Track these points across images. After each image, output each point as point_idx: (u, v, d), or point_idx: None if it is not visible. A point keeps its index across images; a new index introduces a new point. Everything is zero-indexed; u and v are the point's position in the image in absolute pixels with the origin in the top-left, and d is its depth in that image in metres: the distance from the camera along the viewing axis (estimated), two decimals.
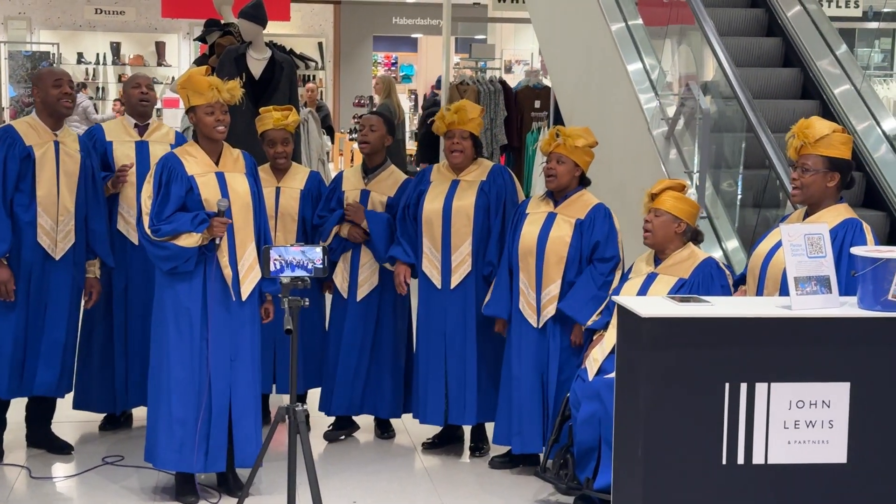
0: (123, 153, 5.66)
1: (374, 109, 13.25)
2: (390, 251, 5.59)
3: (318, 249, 4.41)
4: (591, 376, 4.77)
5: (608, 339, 4.81)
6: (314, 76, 19.81)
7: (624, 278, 5.03)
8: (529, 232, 5.24)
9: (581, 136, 5.22)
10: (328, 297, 5.93)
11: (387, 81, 13.00)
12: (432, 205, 5.51)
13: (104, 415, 5.94)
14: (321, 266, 4.40)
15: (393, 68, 22.40)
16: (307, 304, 4.36)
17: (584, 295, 5.11)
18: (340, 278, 5.75)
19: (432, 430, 5.84)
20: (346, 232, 5.66)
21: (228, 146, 5.00)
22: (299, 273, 4.39)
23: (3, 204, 5.19)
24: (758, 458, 3.81)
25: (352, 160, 16.60)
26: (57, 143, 5.34)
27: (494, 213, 5.50)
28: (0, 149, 5.22)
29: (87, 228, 5.45)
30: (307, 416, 4.34)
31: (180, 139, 5.86)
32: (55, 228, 5.31)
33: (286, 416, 4.33)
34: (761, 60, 7.31)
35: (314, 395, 5.94)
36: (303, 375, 5.83)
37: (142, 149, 5.70)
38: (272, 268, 4.40)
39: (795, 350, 3.82)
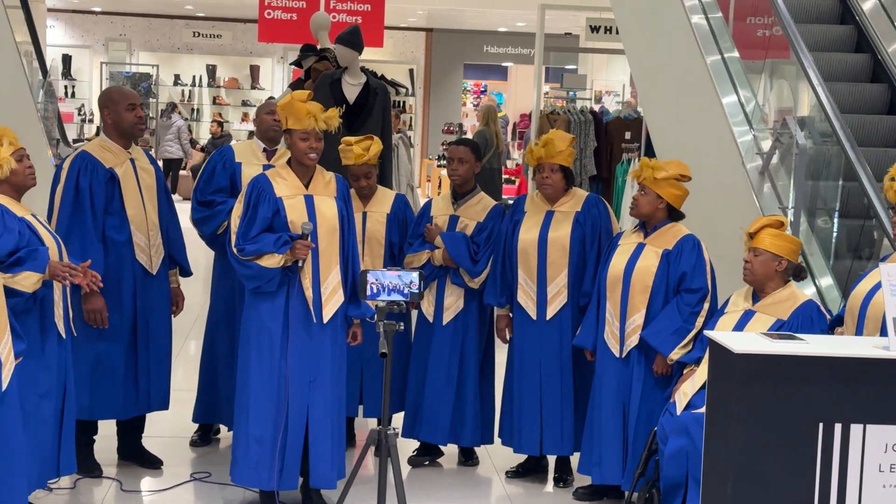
0: (251, 175, 5.73)
1: (464, 137, 13.31)
2: (487, 298, 5.64)
3: (415, 274, 4.44)
4: (679, 410, 4.72)
5: (699, 374, 4.76)
6: (404, 102, 19.96)
7: (719, 313, 4.97)
8: (618, 262, 5.22)
9: (663, 169, 5.19)
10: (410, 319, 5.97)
11: (486, 110, 13.08)
12: (528, 235, 5.52)
13: (195, 430, 6.03)
14: (417, 291, 4.43)
15: (482, 96, 22.49)
16: (402, 328, 4.38)
17: (669, 326, 5.07)
18: (426, 302, 5.77)
19: (516, 458, 5.82)
20: (440, 257, 5.68)
21: (322, 169, 5.05)
22: (395, 297, 4.41)
23: (94, 231, 5.25)
24: (851, 502, 3.73)
25: (439, 186, 16.67)
26: (132, 161, 5.42)
27: (590, 244, 5.49)
28: (84, 176, 5.24)
29: (167, 239, 5.54)
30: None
31: None
32: (148, 244, 5.41)
33: (377, 440, 4.35)
34: (848, 75, 7.21)
35: (397, 418, 5.96)
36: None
37: None
38: (369, 291, 4.43)
39: (893, 392, 3.74)
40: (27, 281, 4.35)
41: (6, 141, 4.50)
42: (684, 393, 4.78)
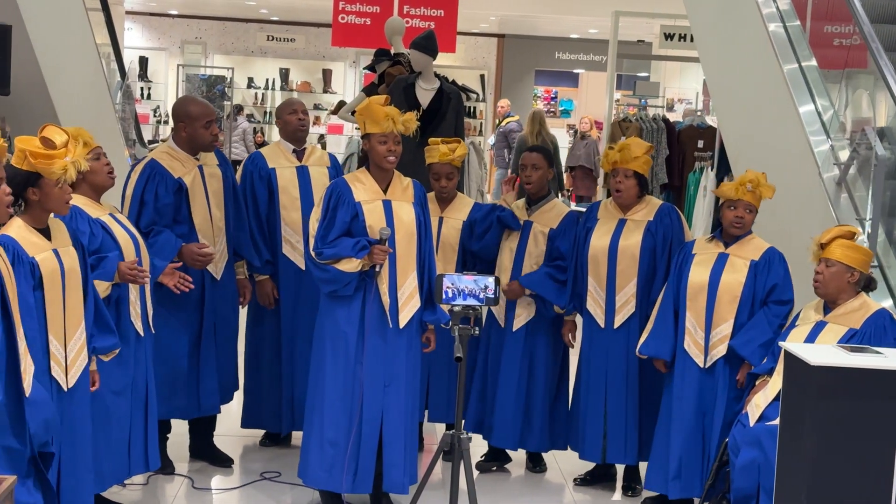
0: (288, 179, 5.78)
1: (537, 144, 13.30)
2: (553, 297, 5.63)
3: (491, 279, 4.44)
4: (752, 422, 4.67)
5: (773, 386, 4.71)
6: (475, 108, 19.98)
7: (791, 325, 4.92)
8: (699, 272, 5.18)
9: (771, 189, 5.19)
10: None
11: (534, 116, 13.15)
12: (599, 243, 5.50)
13: (265, 430, 6.09)
14: (493, 296, 4.43)
15: (552, 102, 22.45)
16: (477, 332, 4.39)
17: (759, 337, 5.02)
18: (498, 307, 5.77)
19: (584, 465, 5.80)
20: (516, 291, 5.68)
21: (399, 174, 5.08)
22: (471, 301, 4.42)
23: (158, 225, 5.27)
24: None
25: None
26: (201, 168, 5.44)
27: (661, 254, 5.46)
28: (150, 187, 5.27)
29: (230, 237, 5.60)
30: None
31: (334, 161, 6.00)
32: (214, 250, 5.45)
33: (451, 444, 4.36)
34: None
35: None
36: (455, 405, 5.86)
37: (303, 173, 5.83)
38: (444, 295, 4.44)
39: None
40: (97, 288, 4.42)
41: (81, 141, 4.53)
42: (757, 404, 4.73)
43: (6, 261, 3.79)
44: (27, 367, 3.85)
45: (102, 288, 4.48)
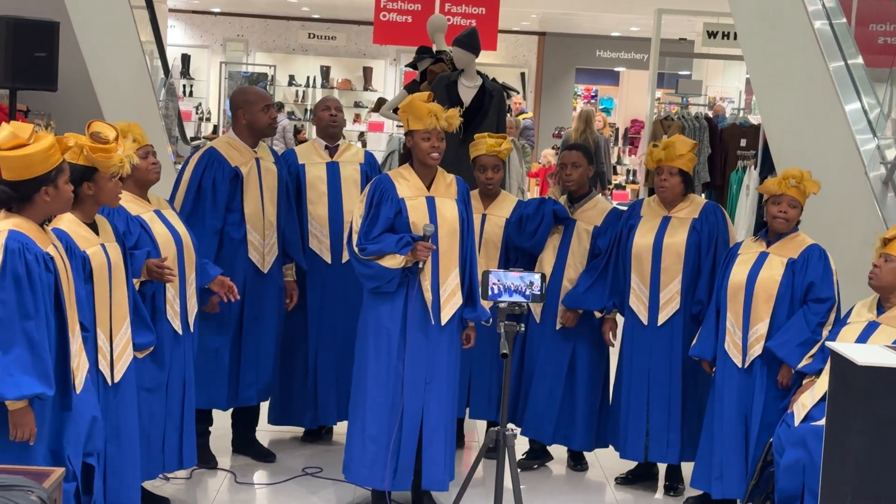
0: (315, 175, 5.81)
1: (576, 143, 13.27)
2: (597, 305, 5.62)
3: (537, 276, 4.43)
4: (797, 422, 4.63)
5: (819, 386, 4.67)
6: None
7: (841, 323, 4.86)
8: (740, 271, 5.15)
9: (816, 185, 5.14)
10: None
11: (583, 115, 13.10)
12: (642, 240, 5.48)
13: (291, 426, 6.09)
14: (539, 292, 4.42)
15: (592, 101, 22.37)
16: (523, 329, 4.38)
17: (797, 337, 4.98)
18: (536, 304, 5.75)
19: (625, 464, 5.78)
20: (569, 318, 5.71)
21: (443, 171, 5.08)
22: (517, 298, 4.41)
23: (211, 226, 5.36)
24: None
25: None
26: (258, 160, 5.53)
27: (706, 252, 5.42)
28: (208, 173, 5.37)
29: (281, 236, 5.62)
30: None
31: (370, 158, 6.01)
32: (263, 243, 5.50)
33: (495, 441, 4.36)
34: None
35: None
36: (497, 402, 5.86)
37: (332, 169, 5.85)
38: (490, 292, 4.43)
39: None
40: None
41: (131, 137, 4.58)
42: (803, 404, 4.69)
43: (65, 257, 3.84)
44: (81, 364, 3.90)
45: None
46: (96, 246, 4.08)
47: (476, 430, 6.46)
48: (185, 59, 19.84)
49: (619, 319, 5.72)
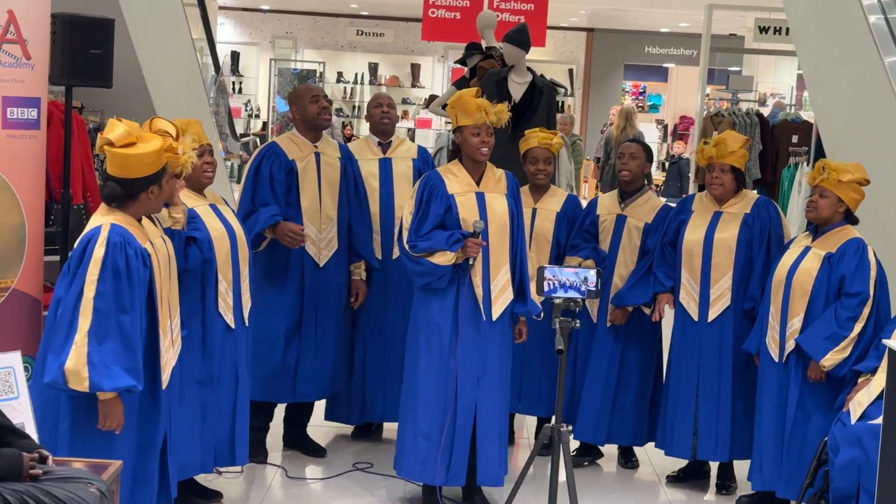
0: (368, 171, 5.83)
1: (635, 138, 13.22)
2: (641, 300, 5.57)
3: (592, 271, 4.41)
4: (853, 420, 4.58)
5: (875, 384, 4.60)
6: (563, 103, 19.90)
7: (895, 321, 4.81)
8: (783, 265, 5.12)
9: (848, 172, 5.05)
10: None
11: (626, 111, 13.05)
12: (693, 235, 5.44)
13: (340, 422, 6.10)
14: (594, 288, 4.40)
15: (640, 97, 22.25)
16: (578, 325, 4.37)
17: (823, 331, 4.92)
18: (590, 301, 5.73)
19: (676, 462, 5.74)
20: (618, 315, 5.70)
21: (492, 166, 5.07)
22: (572, 294, 4.39)
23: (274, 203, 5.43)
24: None
25: (596, 186, 16.57)
26: (318, 155, 5.57)
27: (757, 247, 5.38)
28: (265, 163, 5.47)
29: (350, 233, 5.63)
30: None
31: (423, 154, 6.01)
32: (319, 237, 5.52)
33: (550, 437, 4.35)
34: None
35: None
36: (548, 398, 5.86)
37: (385, 165, 5.86)
38: (546, 287, 4.42)
39: None
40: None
41: (190, 135, 4.54)
42: (859, 402, 4.63)
43: (161, 254, 3.92)
44: (169, 360, 3.99)
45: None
46: (155, 240, 4.10)
47: (525, 426, 6.45)
48: (235, 56, 19.96)
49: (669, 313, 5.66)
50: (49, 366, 3.74)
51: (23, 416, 3.89)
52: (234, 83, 19.71)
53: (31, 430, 3.86)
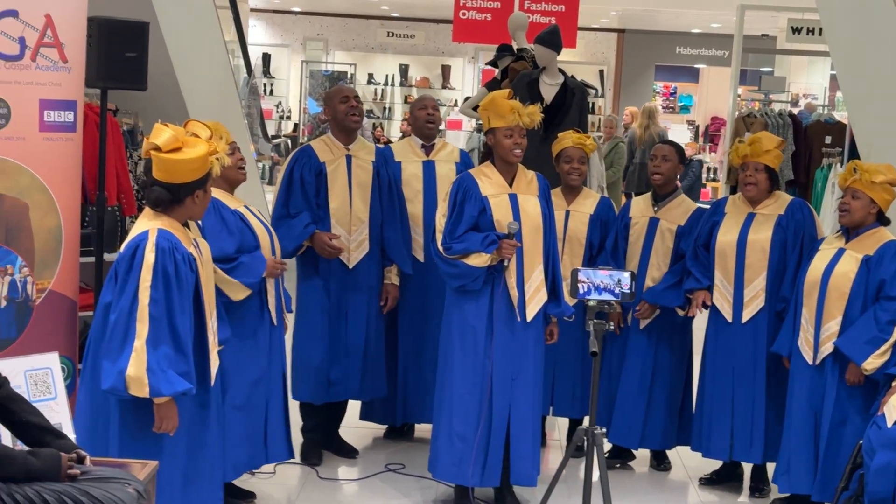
0: (412, 173, 5.84)
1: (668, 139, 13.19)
2: (686, 285, 5.52)
3: (626, 274, 4.40)
4: (889, 424, 4.54)
5: None
6: (594, 104, 19.86)
7: None
8: (816, 266, 5.08)
9: (880, 173, 5.01)
10: None
11: (647, 111, 13.02)
12: (726, 237, 5.42)
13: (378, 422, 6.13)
14: (629, 291, 4.40)
15: (671, 98, 22.17)
16: (612, 327, 4.37)
17: (864, 334, 4.88)
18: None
19: (709, 464, 5.73)
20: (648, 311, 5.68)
21: (523, 168, 5.07)
22: (606, 297, 4.39)
23: (306, 208, 5.46)
24: None
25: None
26: (349, 157, 5.58)
27: (791, 249, 5.35)
28: (297, 167, 5.51)
29: (382, 236, 5.65)
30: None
31: (465, 157, 6.01)
32: (349, 239, 5.54)
33: (584, 439, 4.35)
34: None
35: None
36: (580, 400, 5.86)
37: (428, 168, 5.87)
38: (580, 290, 4.42)
39: None
40: (235, 291, 4.54)
41: (224, 137, 4.60)
42: (894, 406, 4.60)
43: (204, 258, 3.96)
44: (214, 360, 4.03)
45: (240, 295, 4.59)
46: (191, 244, 4.13)
47: (557, 428, 6.44)
48: (266, 58, 20.04)
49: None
50: (107, 372, 3.74)
51: (60, 416, 3.93)
52: (265, 85, 19.79)
53: (69, 431, 3.90)
